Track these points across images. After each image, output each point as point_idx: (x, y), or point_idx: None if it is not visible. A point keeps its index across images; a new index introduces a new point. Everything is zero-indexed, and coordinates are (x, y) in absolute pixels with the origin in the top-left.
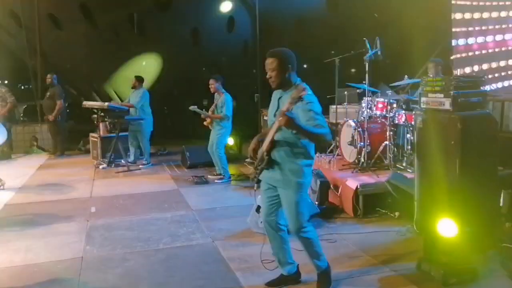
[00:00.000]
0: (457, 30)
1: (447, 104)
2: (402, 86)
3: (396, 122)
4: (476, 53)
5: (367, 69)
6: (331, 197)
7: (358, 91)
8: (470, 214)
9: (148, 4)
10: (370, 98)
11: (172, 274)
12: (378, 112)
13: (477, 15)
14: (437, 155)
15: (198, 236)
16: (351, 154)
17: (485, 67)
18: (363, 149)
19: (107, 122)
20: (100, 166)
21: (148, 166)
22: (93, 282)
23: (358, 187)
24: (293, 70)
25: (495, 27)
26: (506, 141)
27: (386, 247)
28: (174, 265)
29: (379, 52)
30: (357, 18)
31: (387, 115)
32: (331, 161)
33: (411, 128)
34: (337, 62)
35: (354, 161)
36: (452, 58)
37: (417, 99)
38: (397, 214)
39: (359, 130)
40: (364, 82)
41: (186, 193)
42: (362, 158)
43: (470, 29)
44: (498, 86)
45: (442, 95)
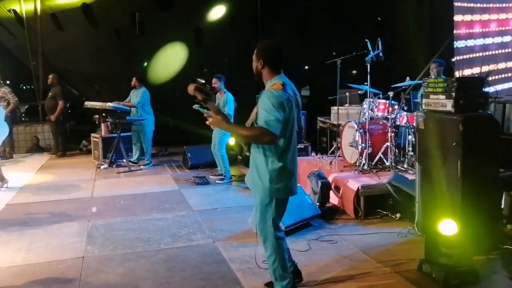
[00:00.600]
0: (459, 32)
1: (448, 105)
2: (403, 87)
3: (398, 123)
4: (477, 55)
5: (368, 70)
6: (332, 198)
7: (359, 92)
8: (472, 216)
9: (150, 4)
10: (372, 100)
11: (173, 274)
12: (380, 114)
13: (479, 17)
14: (438, 157)
15: (199, 237)
16: (353, 155)
17: (486, 69)
18: (365, 150)
19: (108, 123)
20: (102, 167)
21: (149, 167)
22: (94, 282)
23: (359, 188)
24: (267, 64)
25: (497, 29)
26: (508, 143)
27: (387, 248)
28: (175, 265)
29: (381, 54)
30: (359, 19)
31: (389, 117)
32: (333, 162)
33: (412, 130)
34: (338, 63)
35: (355, 162)
36: (454, 60)
37: (419, 100)
38: (398, 215)
39: (360, 131)
40: (365, 84)
41: (187, 193)
42: (363, 159)
43: (471, 31)
44: (499, 88)
45: (444, 97)
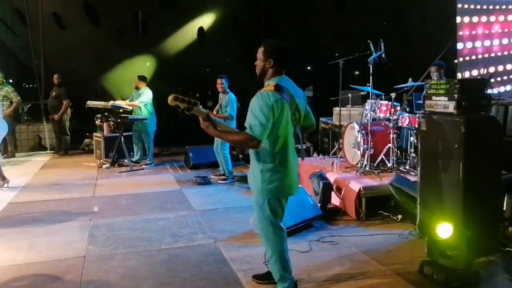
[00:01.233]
0: (461, 33)
1: (451, 107)
2: (406, 88)
3: (400, 124)
4: (480, 56)
5: (371, 71)
6: (333, 199)
7: (361, 93)
8: (473, 218)
9: (153, 3)
10: (374, 101)
11: (174, 274)
12: (382, 115)
13: (482, 19)
14: (440, 158)
15: (200, 237)
16: (354, 156)
17: (489, 70)
18: (366, 151)
19: (110, 122)
20: (104, 166)
21: (151, 166)
22: (95, 282)
23: (361, 189)
24: (274, 64)
25: (499, 30)
26: (510, 145)
27: (389, 250)
28: (176, 265)
29: (383, 55)
30: (362, 20)
31: (391, 118)
32: (334, 163)
33: (414, 131)
34: (341, 64)
35: (357, 163)
36: (457, 61)
37: (421, 101)
38: (399, 217)
39: (362, 132)
40: (368, 85)
41: (189, 193)
42: (365, 160)
43: (474, 32)
44: (502, 89)
45: (446, 98)
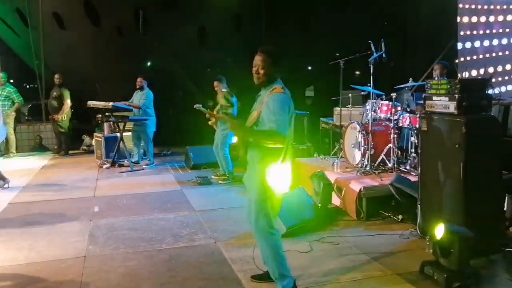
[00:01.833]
0: (462, 33)
1: (451, 107)
2: (406, 88)
3: (401, 124)
4: (481, 56)
5: (371, 71)
6: (334, 199)
7: (362, 93)
8: (474, 218)
9: (154, 2)
10: (375, 101)
11: (174, 274)
12: (383, 115)
13: (482, 19)
14: (441, 159)
15: (201, 237)
16: (355, 156)
17: (490, 70)
18: (367, 151)
19: (111, 122)
20: (104, 166)
21: (151, 167)
22: (95, 282)
23: (362, 189)
24: (278, 70)
25: (500, 30)
26: (511, 145)
27: (389, 250)
28: (177, 265)
29: (384, 55)
30: (363, 20)
31: (392, 118)
32: (335, 163)
33: (415, 131)
34: (341, 64)
35: (357, 163)
36: (457, 61)
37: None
38: (400, 217)
39: (363, 132)
40: (368, 85)
41: (189, 193)
42: (365, 160)
43: (475, 32)
44: (503, 89)
45: (447, 98)
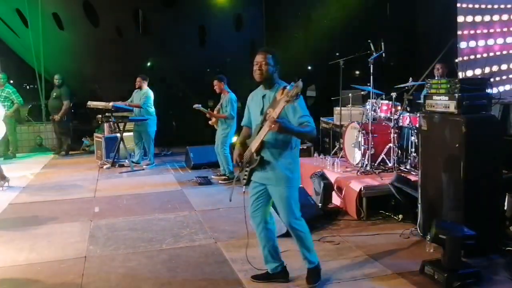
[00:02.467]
0: (462, 33)
1: (451, 106)
2: (406, 88)
3: (401, 124)
4: (480, 56)
5: (371, 71)
6: (334, 199)
7: (362, 93)
8: (474, 217)
9: (153, 2)
10: (375, 100)
11: (175, 274)
12: (383, 114)
13: (482, 18)
14: (441, 158)
15: (201, 237)
16: (355, 156)
17: (490, 70)
18: (367, 151)
19: (111, 122)
20: (104, 166)
21: (152, 167)
22: (95, 282)
23: (362, 189)
24: (278, 70)
25: (500, 30)
26: (511, 144)
27: (390, 249)
28: (177, 265)
29: (383, 54)
30: (363, 20)
31: (392, 117)
32: (335, 163)
33: (415, 131)
34: (341, 64)
35: (358, 163)
36: (457, 60)
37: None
38: (400, 216)
39: (363, 132)
40: (368, 84)
41: (190, 193)
42: (366, 160)
43: (475, 32)
44: (502, 89)
45: (447, 98)
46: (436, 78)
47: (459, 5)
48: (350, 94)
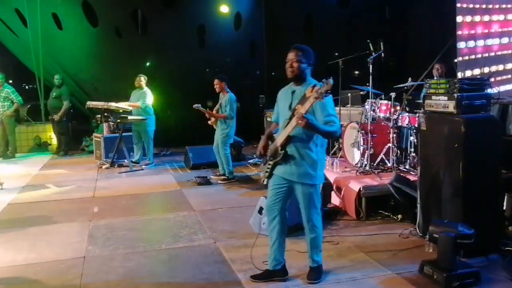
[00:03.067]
0: (461, 33)
1: (450, 106)
2: (405, 88)
3: (400, 124)
4: (480, 56)
5: (370, 71)
6: (333, 199)
7: (361, 93)
8: (473, 217)
9: (153, 2)
10: (374, 100)
11: (174, 274)
12: (382, 115)
13: (481, 18)
14: (440, 158)
15: (200, 237)
16: (354, 156)
17: (489, 70)
18: (366, 151)
19: (110, 122)
20: (103, 166)
21: (151, 167)
22: (95, 282)
23: (361, 189)
24: (310, 67)
25: (499, 30)
26: (510, 144)
27: (389, 249)
28: (176, 265)
29: (383, 54)
30: (362, 20)
31: (391, 117)
32: (334, 163)
33: (414, 131)
34: (341, 64)
35: (357, 163)
36: (456, 60)
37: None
38: (399, 216)
39: (362, 132)
40: (367, 84)
41: (189, 193)
42: (365, 160)
43: (474, 32)
44: (501, 89)
45: (446, 98)
46: (435, 78)
47: (458, 5)
48: (349, 94)
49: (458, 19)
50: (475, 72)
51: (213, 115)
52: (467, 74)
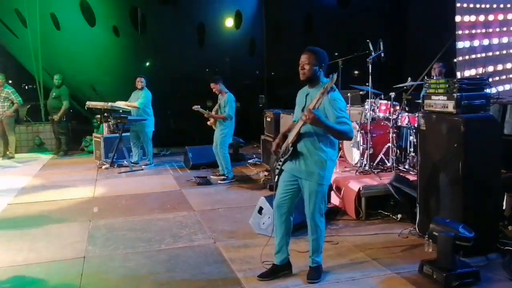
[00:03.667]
0: (461, 32)
1: (450, 106)
2: (405, 88)
3: (399, 124)
4: (479, 55)
5: (370, 71)
6: (333, 198)
7: (361, 93)
8: (473, 217)
9: (151, 1)
10: (373, 100)
11: (174, 274)
12: (381, 114)
13: (481, 18)
14: (439, 158)
15: (200, 237)
16: (354, 156)
17: (489, 69)
18: (366, 151)
19: (110, 123)
20: (103, 166)
21: (150, 167)
22: (94, 282)
23: (361, 189)
24: (323, 69)
25: (498, 29)
26: (509, 144)
27: (388, 249)
28: (176, 265)
29: (382, 54)
30: (362, 20)
31: (390, 117)
32: None
33: (414, 130)
34: (340, 64)
35: (356, 163)
36: (456, 60)
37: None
38: (399, 216)
39: (362, 132)
40: (367, 84)
41: (189, 193)
42: (364, 160)
43: (474, 31)
44: (501, 89)
45: (445, 98)
46: (434, 78)
47: (458, 4)
48: (349, 94)
49: (457, 18)
50: (475, 71)
51: (212, 116)
52: (466, 74)
